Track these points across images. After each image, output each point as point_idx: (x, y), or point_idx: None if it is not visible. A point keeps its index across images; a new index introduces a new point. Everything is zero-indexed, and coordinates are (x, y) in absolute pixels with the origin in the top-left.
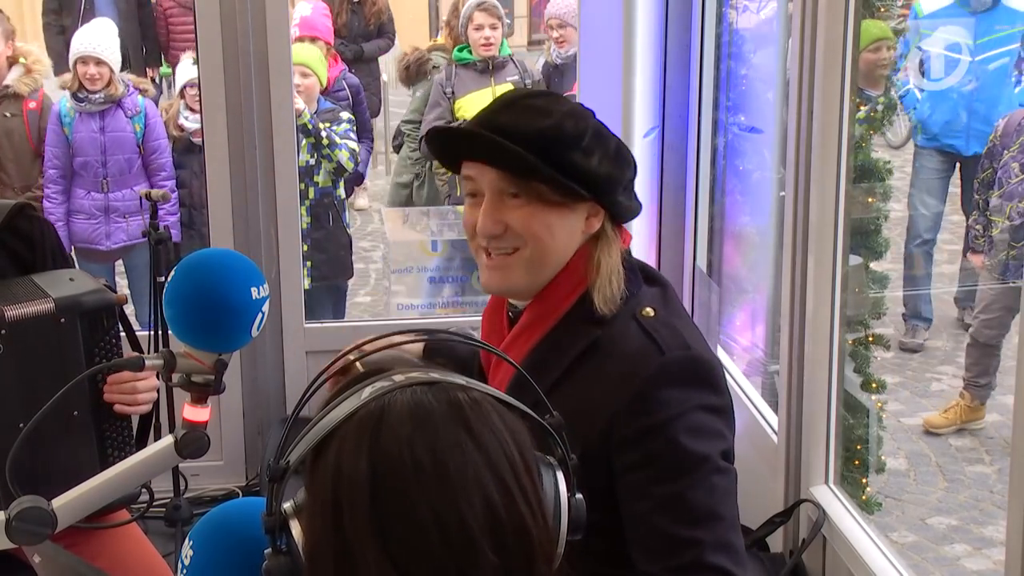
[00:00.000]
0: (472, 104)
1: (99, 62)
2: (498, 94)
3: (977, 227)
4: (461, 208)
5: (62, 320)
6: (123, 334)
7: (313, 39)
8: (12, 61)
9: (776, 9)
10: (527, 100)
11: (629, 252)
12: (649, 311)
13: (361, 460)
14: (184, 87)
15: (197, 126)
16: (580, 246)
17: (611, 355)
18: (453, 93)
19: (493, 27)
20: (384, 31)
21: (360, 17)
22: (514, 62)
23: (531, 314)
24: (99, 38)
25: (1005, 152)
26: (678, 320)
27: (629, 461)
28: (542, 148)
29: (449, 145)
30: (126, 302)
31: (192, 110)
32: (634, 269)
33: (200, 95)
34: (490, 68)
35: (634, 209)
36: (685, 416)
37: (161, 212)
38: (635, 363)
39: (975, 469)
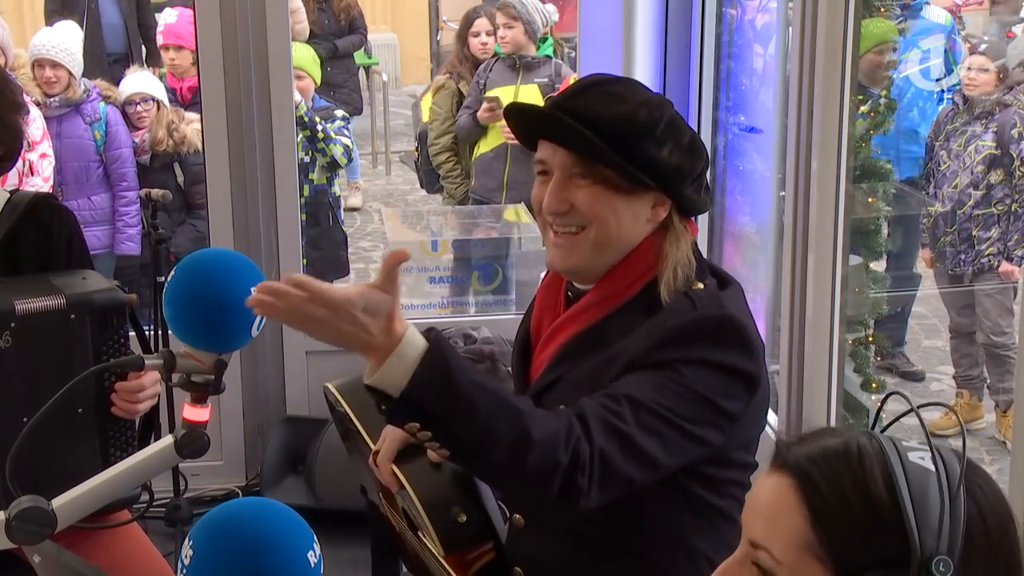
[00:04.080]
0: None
1: (55, 64)
2: (521, 93)
3: (924, 221)
4: (465, 207)
5: (72, 316)
6: (133, 335)
7: (179, 47)
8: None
9: (776, 9)
10: (605, 86)
11: (696, 245)
12: (700, 285)
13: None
14: (125, 104)
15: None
16: (648, 235)
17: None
18: (485, 84)
19: (507, 26)
20: (355, 27)
21: (329, 14)
22: (552, 64)
23: (595, 295)
24: (56, 40)
25: (935, 144)
26: (727, 295)
27: (625, 374)
28: (614, 134)
29: (526, 123)
30: (137, 303)
31: (136, 127)
32: (702, 263)
33: (200, 95)
34: (517, 66)
35: (702, 203)
36: (699, 365)
37: (119, 224)
38: (667, 315)
39: None
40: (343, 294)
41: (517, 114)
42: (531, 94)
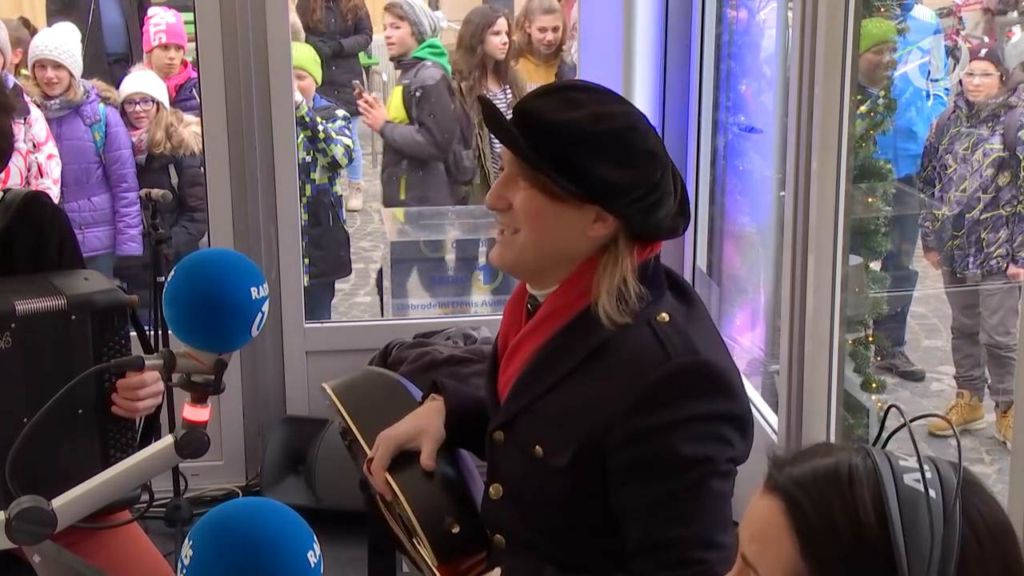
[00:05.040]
0: (390, 101)
1: (57, 65)
2: (393, 95)
3: (926, 224)
4: (466, 207)
5: (73, 317)
6: (134, 335)
7: (179, 47)
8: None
9: (776, 9)
10: (568, 91)
11: (655, 260)
12: (664, 316)
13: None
14: (124, 103)
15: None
16: (595, 251)
17: (620, 356)
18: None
19: (393, 26)
20: (361, 26)
21: (336, 13)
22: (417, 66)
23: (547, 308)
24: (58, 40)
25: (939, 147)
26: (694, 327)
27: (626, 460)
28: (550, 140)
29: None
30: (138, 304)
31: (134, 127)
32: (660, 278)
33: (200, 95)
34: (396, 67)
35: (656, 226)
36: (687, 424)
37: (120, 225)
38: (641, 366)
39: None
40: None
41: (482, 108)
42: (396, 96)
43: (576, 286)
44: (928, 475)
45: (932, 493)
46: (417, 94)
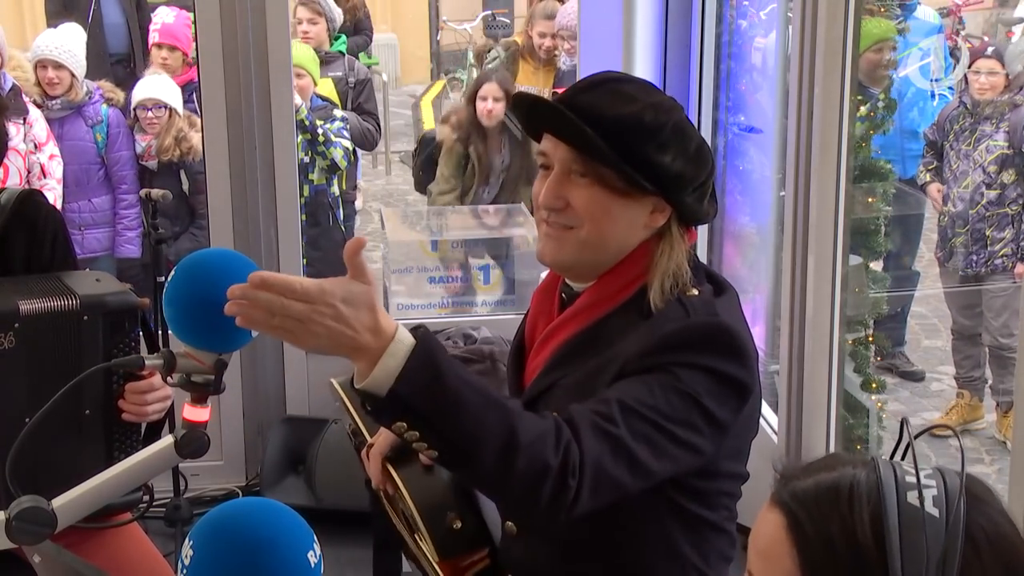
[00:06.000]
0: (320, 88)
1: (58, 66)
2: (328, 83)
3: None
4: (465, 207)
5: (85, 318)
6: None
7: (172, 48)
8: None
9: (776, 9)
10: (616, 84)
11: (694, 250)
12: (694, 292)
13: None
14: (136, 107)
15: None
16: (645, 240)
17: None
18: None
19: (311, 21)
20: (361, 27)
21: None
22: (345, 59)
23: (588, 298)
24: (60, 41)
25: (944, 144)
26: (721, 303)
27: (624, 376)
28: (616, 135)
29: (532, 114)
30: (148, 306)
31: (145, 132)
32: (699, 270)
33: (200, 95)
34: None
35: (704, 212)
36: (692, 368)
37: (119, 227)
38: (661, 322)
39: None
40: (317, 284)
41: (522, 104)
42: (327, 87)
43: (620, 278)
44: (934, 492)
45: (936, 512)
46: (356, 85)
